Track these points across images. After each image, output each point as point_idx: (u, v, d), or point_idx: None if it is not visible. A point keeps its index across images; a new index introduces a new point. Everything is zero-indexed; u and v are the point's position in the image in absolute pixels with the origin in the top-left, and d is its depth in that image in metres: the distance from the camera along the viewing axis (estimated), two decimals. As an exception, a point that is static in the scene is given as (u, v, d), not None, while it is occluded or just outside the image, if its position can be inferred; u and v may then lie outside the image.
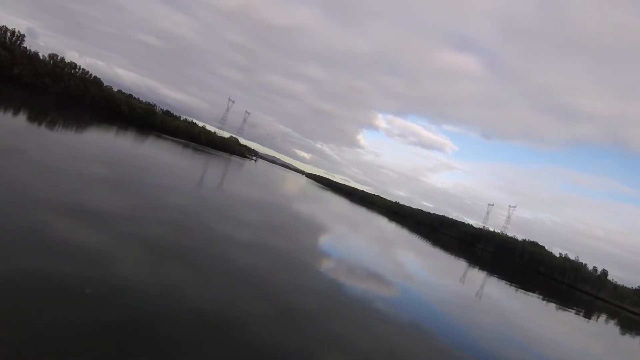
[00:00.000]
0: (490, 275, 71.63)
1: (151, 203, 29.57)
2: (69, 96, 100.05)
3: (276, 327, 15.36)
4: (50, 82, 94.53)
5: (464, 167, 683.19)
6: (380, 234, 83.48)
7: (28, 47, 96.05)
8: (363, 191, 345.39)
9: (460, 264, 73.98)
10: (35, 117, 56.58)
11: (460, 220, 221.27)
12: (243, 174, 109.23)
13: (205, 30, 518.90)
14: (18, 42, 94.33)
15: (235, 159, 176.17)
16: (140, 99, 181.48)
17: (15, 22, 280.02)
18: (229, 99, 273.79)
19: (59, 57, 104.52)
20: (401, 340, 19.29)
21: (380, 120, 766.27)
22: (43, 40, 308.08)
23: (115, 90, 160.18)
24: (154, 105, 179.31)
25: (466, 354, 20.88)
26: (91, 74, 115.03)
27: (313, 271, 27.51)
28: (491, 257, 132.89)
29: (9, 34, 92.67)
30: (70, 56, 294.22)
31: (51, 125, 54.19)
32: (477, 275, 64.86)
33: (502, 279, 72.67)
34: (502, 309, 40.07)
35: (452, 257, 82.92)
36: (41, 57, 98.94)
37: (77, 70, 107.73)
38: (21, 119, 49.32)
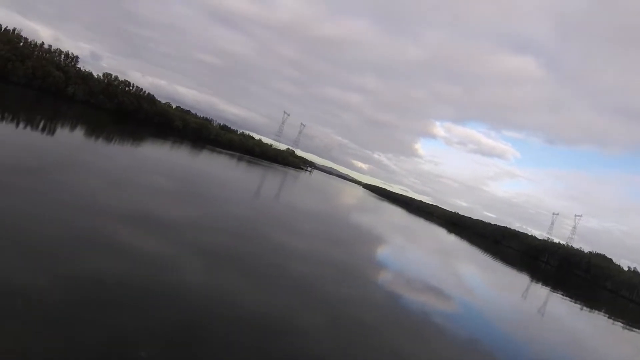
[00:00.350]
0: (554, 291, 68.87)
1: (209, 213, 31.02)
2: (123, 112, 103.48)
3: (331, 338, 15.58)
4: (104, 100, 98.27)
5: (526, 175, 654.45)
6: (438, 246, 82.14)
7: (83, 68, 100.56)
8: (420, 201, 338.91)
9: (522, 279, 71.95)
10: (93, 132, 59.15)
11: (523, 231, 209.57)
12: (298, 185, 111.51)
13: (260, 47, 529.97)
14: (72, 63, 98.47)
15: (290, 170, 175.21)
16: (201, 114, 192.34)
17: (80, 47, 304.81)
18: (284, 112, 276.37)
19: (113, 76, 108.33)
20: (458, 357, 19.12)
21: (438, 128, 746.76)
22: (106, 62, 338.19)
23: (175, 107, 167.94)
24: (211, 120, 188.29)
25: None
26: (145, 91, 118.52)
27: (370, 282, 27.81)
28: (555, 271, 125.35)
29: (62, 56, 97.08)
30: (133, 76, 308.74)
31: (109, 140, 56.45)
32: (540, 291, 62.69)
33: (566, 295, 69.44)
34: (565, 327, 38.84)
35: (514, 271, 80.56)
36: (96, 77, 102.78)
37: (130, 87, 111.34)
38: (80, 134, 51.81)
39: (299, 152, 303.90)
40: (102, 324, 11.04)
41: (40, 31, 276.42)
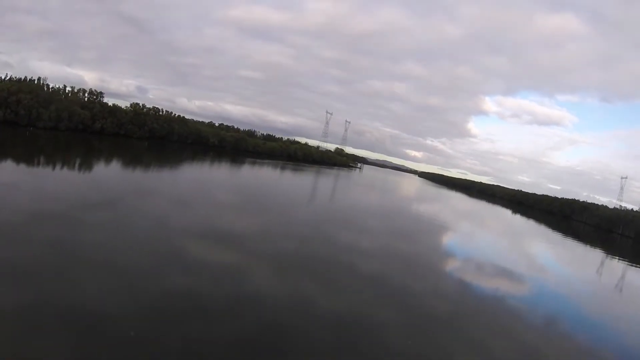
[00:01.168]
0: (631, 264, 64.61)
1: (271, 222, 33.45)
2: (156, 137, 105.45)
3: (409, 333, 16.03)
4: (133, 128, 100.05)
5: (587, 140, 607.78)
6: (504, 229, 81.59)
7: (130, 103, 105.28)
8: (481, 183, 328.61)
9: (596, 255, 69.98)
10: (131, 162, 61.27)
11: (592, 200, 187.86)
12: (350, 185, 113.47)
13: (298, 53, 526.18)
14: (97, 99, 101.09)
15: (338, 171, 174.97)
16: (250, 128, 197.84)
17: (125, 84, 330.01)
18: (327, 112, 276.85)
19: (140, 104, 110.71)
20: (538, 341, 18.91)
21: (489, 103, 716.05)
22: (153, 93, 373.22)
23: (218, 124, 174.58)
24: (254, 131, 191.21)
25: (609, 353, 20.07)
26: (175, 113, 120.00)
27: (440, 273, 28.79)
28: (632, 244, 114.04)
29: (86, 94, 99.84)
30: (180, 103, 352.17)
31: (150, 167, 59.91)
32: (616, 265, 60.90)
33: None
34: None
35: (587, 247, 78.24)
36: (123, 108, 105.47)
37: (160, 112, 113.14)
38: (120, 166, 53.26)
39: (350, 150, 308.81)
40: (189, 334, 12.16)
41: (85, 76, 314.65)
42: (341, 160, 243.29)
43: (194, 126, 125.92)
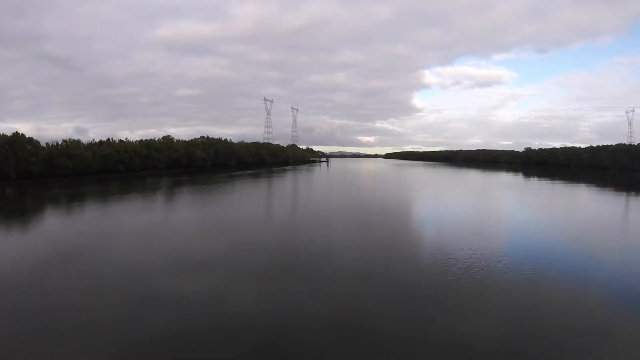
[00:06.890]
0: None
1: (237, 238, 31.07)
2: None
3: (406, 313, 15.78)
4: None
5: (529, 92, 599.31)
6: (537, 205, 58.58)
7: None
8: (461, 150, 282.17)
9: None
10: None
11: (548, 146, 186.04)
12: (307, 183, 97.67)
13: (233, 62, 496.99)
14: None
15: (293, 172, 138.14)
16: None
17: (62, 127, 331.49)
18: (265, 99, 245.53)
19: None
20: (525, 289, 18.83)
21: (429, 76, 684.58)
22: (93, 132, 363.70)
23: None
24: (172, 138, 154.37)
25: (598, 283, 19.81)
26: None
27: (421, 251, 27.17)
28: None
29: None
30: (123, 136, 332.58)
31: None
32: None
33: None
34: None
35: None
36: None
37: None
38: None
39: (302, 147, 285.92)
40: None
41: (20, 128, 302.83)
42: (296, 155, 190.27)
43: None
